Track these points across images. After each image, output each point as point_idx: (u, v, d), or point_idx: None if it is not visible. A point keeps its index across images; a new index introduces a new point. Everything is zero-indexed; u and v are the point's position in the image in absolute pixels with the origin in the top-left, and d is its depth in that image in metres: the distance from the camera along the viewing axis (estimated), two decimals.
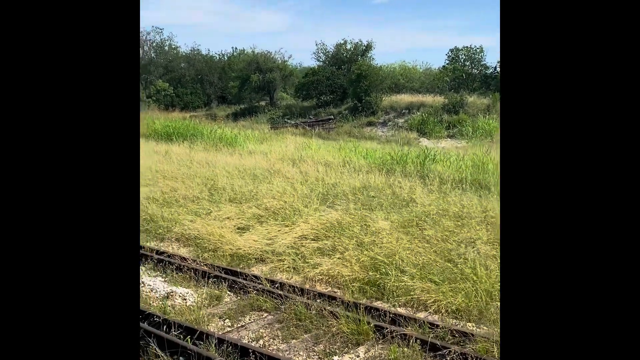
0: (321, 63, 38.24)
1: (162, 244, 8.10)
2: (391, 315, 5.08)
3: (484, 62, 36.24)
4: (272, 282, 6.13)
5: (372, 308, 5.26)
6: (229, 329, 5.19)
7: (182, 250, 7.80)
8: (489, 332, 4.77)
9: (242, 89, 38.63)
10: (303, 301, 5.37)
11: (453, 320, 5.19)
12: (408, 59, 79.25)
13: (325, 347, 4.74)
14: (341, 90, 33.89)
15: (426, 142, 23.78)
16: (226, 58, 44.42)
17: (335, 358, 4.56)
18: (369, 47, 37.44)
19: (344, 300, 5.42)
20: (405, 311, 5.42)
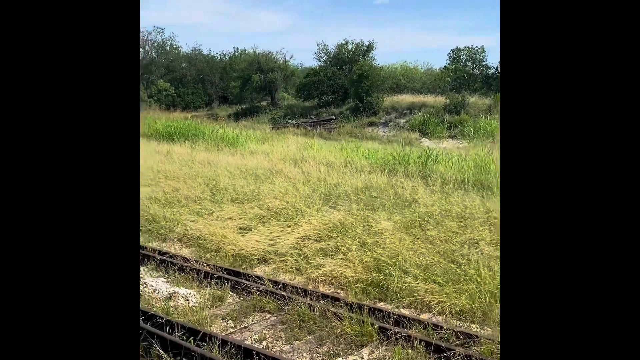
0: (322, 63, 38.25)
1: (164, 245, 8.08)
2: (395, 317, 5.06)
3: (486, 63, 36.26)
4: (275, 282, 6.10)
5: (375, 309, 5.24)
6: (232, 330, 5.17)
7: (184, 250, 7.78)
8: (493, 333, 4.75)
9: (244, 89, 38.69)
10: (306, 302, 5.35)
11: (457, 322, 5.17)
12: (409, 60, 79.45)
13: (328, 348, 4.72)
14: (342, 90, 33.89)
15: (428, 143, 23.77)
16: (227, 58, 44.45)
17: None
18: (371, 47, 37.47)
19: (347, 301, 5.40)
20: (409, 312, 5.40)
